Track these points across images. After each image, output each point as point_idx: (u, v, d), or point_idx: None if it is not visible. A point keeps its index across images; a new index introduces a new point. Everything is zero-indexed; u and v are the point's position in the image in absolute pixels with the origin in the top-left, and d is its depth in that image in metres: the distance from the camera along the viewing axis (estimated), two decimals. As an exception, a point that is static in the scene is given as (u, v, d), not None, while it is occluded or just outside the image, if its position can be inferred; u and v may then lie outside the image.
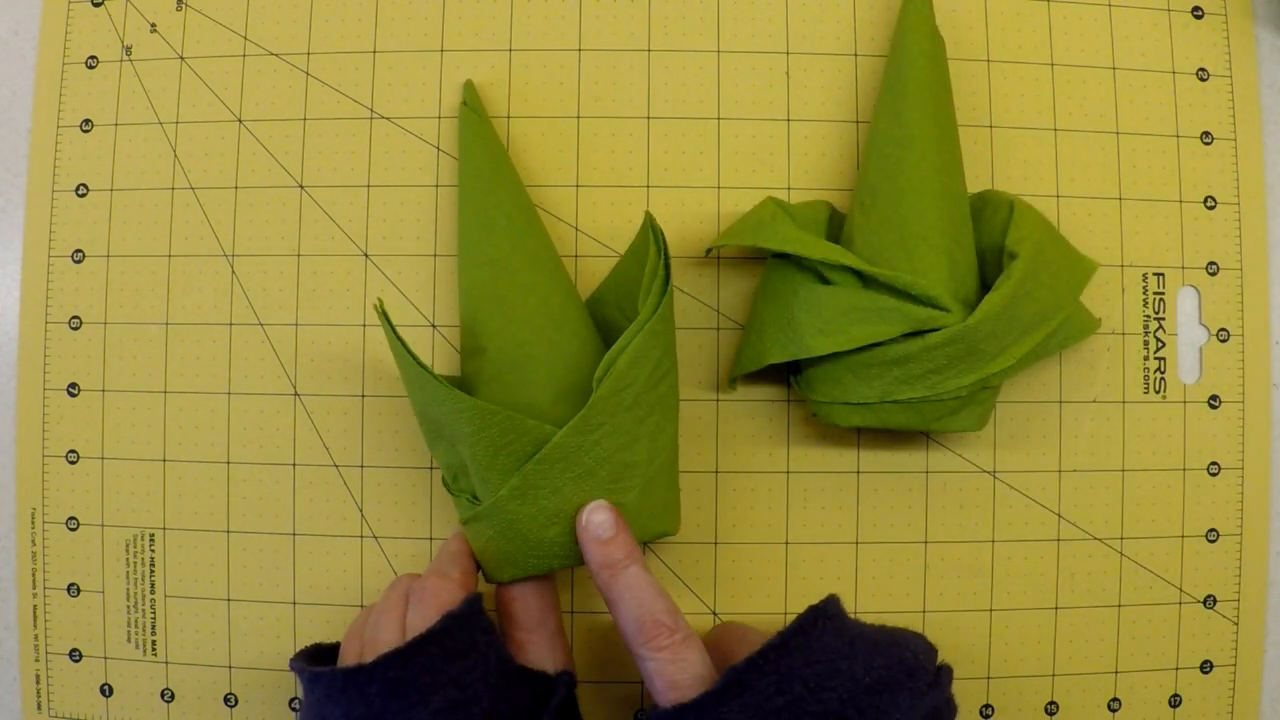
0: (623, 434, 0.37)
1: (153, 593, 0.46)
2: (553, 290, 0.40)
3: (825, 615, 0.36)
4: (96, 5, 0.47)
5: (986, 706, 0.45)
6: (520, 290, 0.40)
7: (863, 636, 0.36)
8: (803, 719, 0.33)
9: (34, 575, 0.46)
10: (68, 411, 0.46)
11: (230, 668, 0.46)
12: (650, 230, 0.39)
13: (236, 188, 0.46)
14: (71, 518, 0.46)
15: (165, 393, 0.46)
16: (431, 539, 0.45)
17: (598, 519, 0.37)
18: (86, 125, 0.47)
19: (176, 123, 0.47)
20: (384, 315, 0.38)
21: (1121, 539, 0.45)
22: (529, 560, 0.38)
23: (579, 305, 0.41)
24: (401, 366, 0.39)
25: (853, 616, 0.37)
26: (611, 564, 0.36)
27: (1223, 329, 0.46)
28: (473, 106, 0.44)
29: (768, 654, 0.34)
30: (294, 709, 0.46)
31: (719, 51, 0.46)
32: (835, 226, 0.44)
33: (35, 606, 0.46)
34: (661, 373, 0.38)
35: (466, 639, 0.35)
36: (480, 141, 0.43)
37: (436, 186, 0.46)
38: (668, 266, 0.39)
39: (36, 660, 0.46)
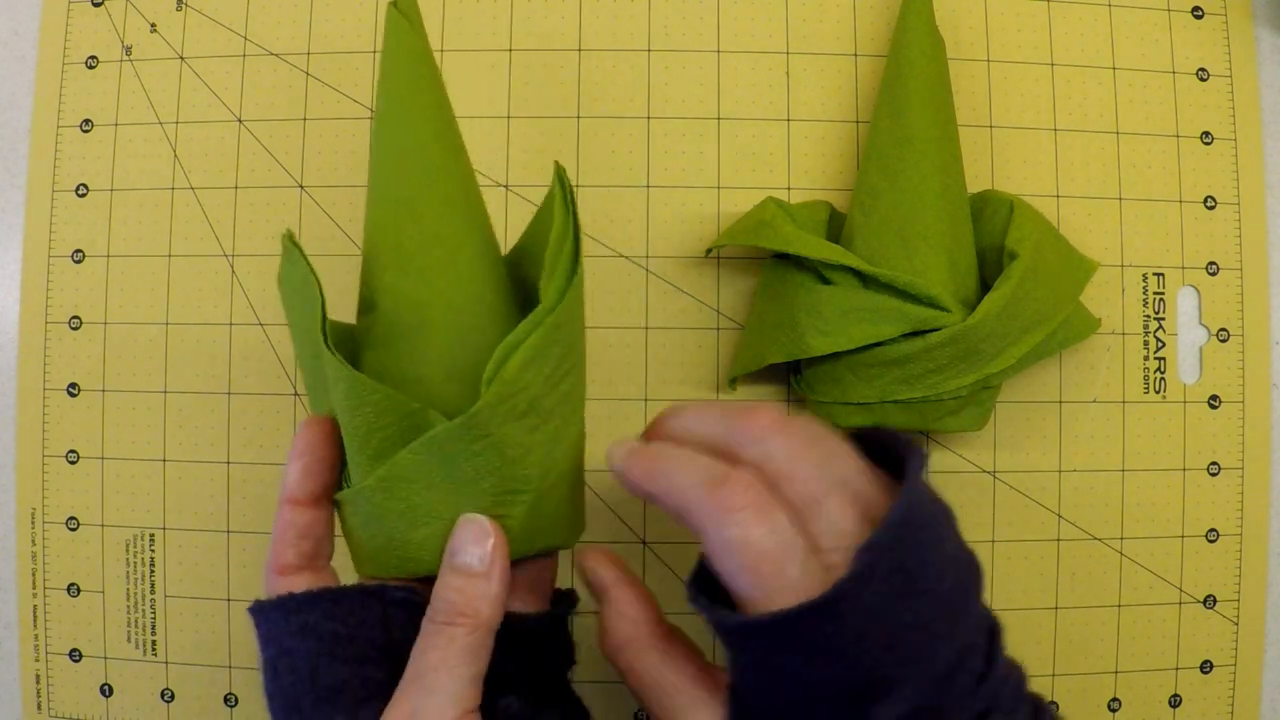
0: (513, 445, 0.31)
1: (153, 593, 0.46)
2: (464, 244, 0.33)
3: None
4: (96, 5, 0.47)
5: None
6: (424, 240, 0.33)
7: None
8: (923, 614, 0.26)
9: (34, 575, 0.46)
10: (68, 411, 0.46)
11: (230, 668, 0.46)
12: (558, 184, 0.33)
13: (236, 188, 0.46)
14: (71, 518, 0.46)
15: (165, 393, 0.46)
16: (431, 539, 0.45)
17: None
18: (86, 125, 0.47)
19: (176, 123, 0.47)
20: (292, 241, 0.32)
21: (1121, 539, 0.45)
22: (391, 560, 0.32)
23: (495, 265, 0.34)
24: (292, 306, 0.33)
25: None
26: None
27: (1223, 329, 0.46)
28: (403, 10, 0.34)
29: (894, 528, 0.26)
30: (294, 709, 0.46)
31: (719, 51, 0.46)
32: (835, 226, 0.44)
33: (35, 606, 0.46)
34: (564, 371, 0.32)
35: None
36: (406, 56, 0.34)
37: (436, 186, 0.46)
38: (578, 238, 0.32)
39: (36, 660, 0.46)
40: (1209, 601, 0.46)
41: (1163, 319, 0.46)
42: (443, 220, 0.33)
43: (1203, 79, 0.47)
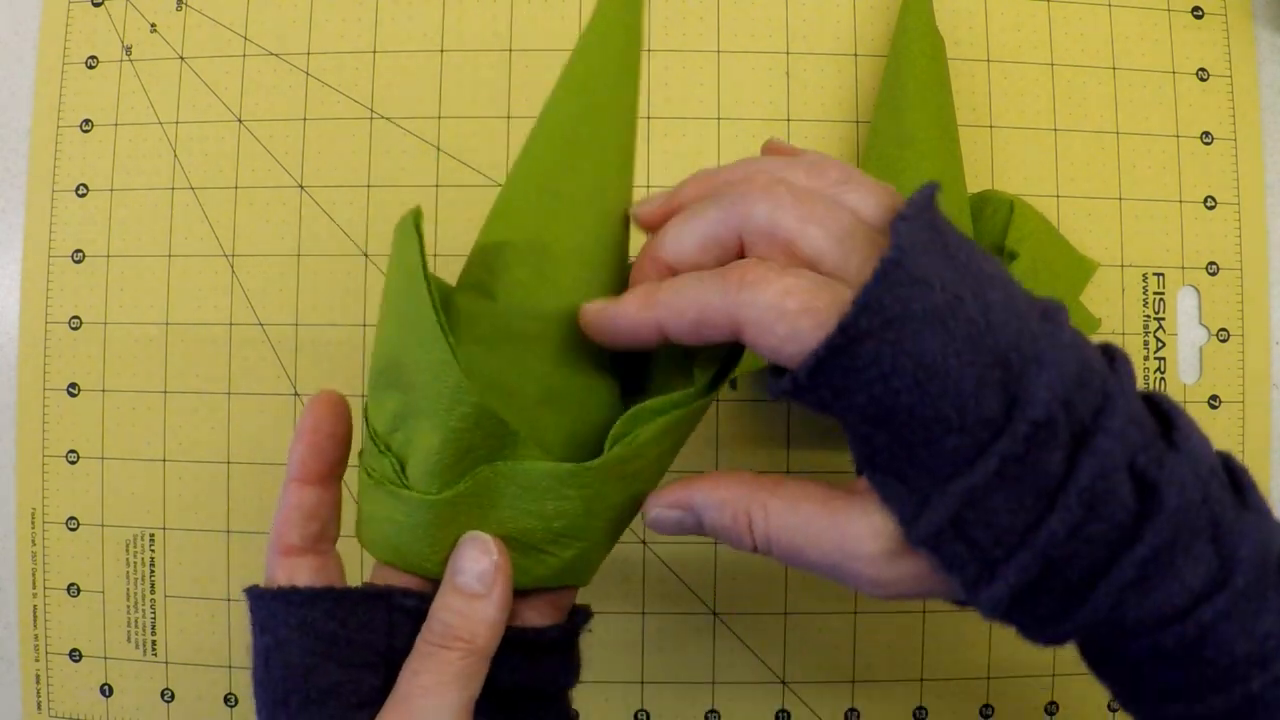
0: (599, 501, 0.29)
1: (153, 593, 0.46)
2: (605, 265, 0.30)
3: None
4: (96, 5, 0.47)
5: (986, 706, 0.45)
6: (572, 249, 0.29)
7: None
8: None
9: (34, 575, 0.46)
10: (68, 411, 0.46)
11: (230, 668, 0.46)
12: None
13: (236, 188, 0.46)
14: (71, 518, 0.46)
15: (165, 393, 0.46)
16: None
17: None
18: (86, 125, 0.47)
19: (176, 123, 0.47)
20: (416, 225, 0.27)
21: (1121, 539, 0.45)
22: (408, 557, 0.29)
23: None
24: (396, 293, 0.29)
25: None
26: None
27: (1223, 329, 0.46)
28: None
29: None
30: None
31: (719, 51, 0.46)
32: (835, 226, 0.44)
33: (35, 606, 0.46)
34: (677, 447, 0.30)
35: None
36: (624, 20, 0.30)
37: (437, 186, 0.46)
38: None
39: (36, 660, 0.46)
40: (1209, 601, 0.46)
41: (1163, 319, 0.46)
42: (597, 235, 0.30)
43: (1203, 79, 0.47)
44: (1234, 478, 0.27)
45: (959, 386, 0.24)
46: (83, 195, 0.47)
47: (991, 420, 0.24)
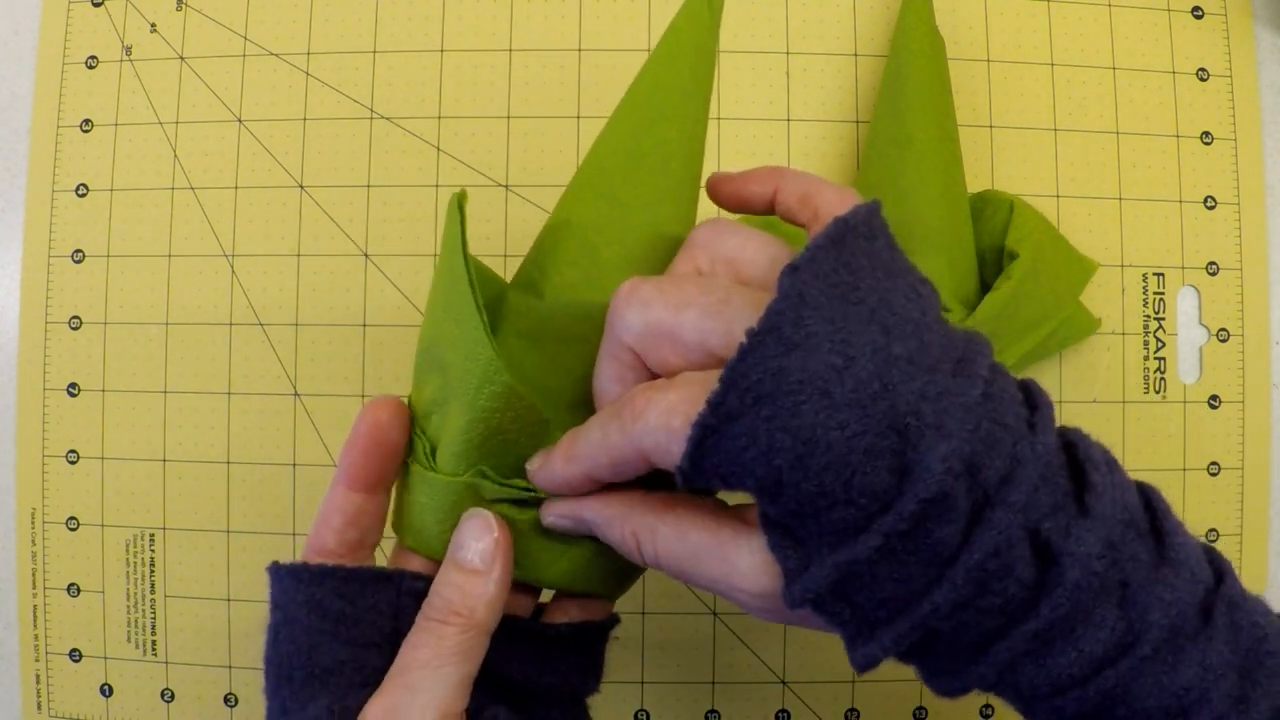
0: None
1: (153, 593, 0.46)
2: (655, 275, 0.29)
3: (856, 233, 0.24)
4: (96, 5, 0.47)
5: (986, 707, 0.45)
6: (626, 257, 0.29)
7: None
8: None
9: (34, 575, 0.46)
10: (68, 411, 0.46)
11: (230, 668, 0.46)
12: None
13: (236, 188, 0.46)
14: (71, 518, 0.46)
15: (165, 393, 0.46)
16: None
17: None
18: (86, 125, 0.47)
19: (176, 123, 0.47)
20: (460, 208, 0.27)
21: (1121, 539, 0.45)
22: (431, 541, 0.29)
23: None
24: (441, 272, 0.29)
25: None
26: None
27: (1223, 329, 0.46)
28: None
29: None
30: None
31: (719, 51, 0.46)
32: (835, 226, 0.44)
33: (35, 606, 0.46)
34: None
35: None
36: (697, 38, 0.30)
37: (437, 186, 0.46)
38: None
39: (36, 660, 0.46)
40: (1209, 601, 0.46)
41: (1163, 319, 0.46)
42: (651, 244, 0.29)
43: (1203, 79, 0.47)
44: (1155, 520, 0.26)
45: (844, 460, 0.22)
46: (83, 195, 0.47)
47: (881, 493, 0.23)
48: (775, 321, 0.22)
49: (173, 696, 0.46)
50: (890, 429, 0.22)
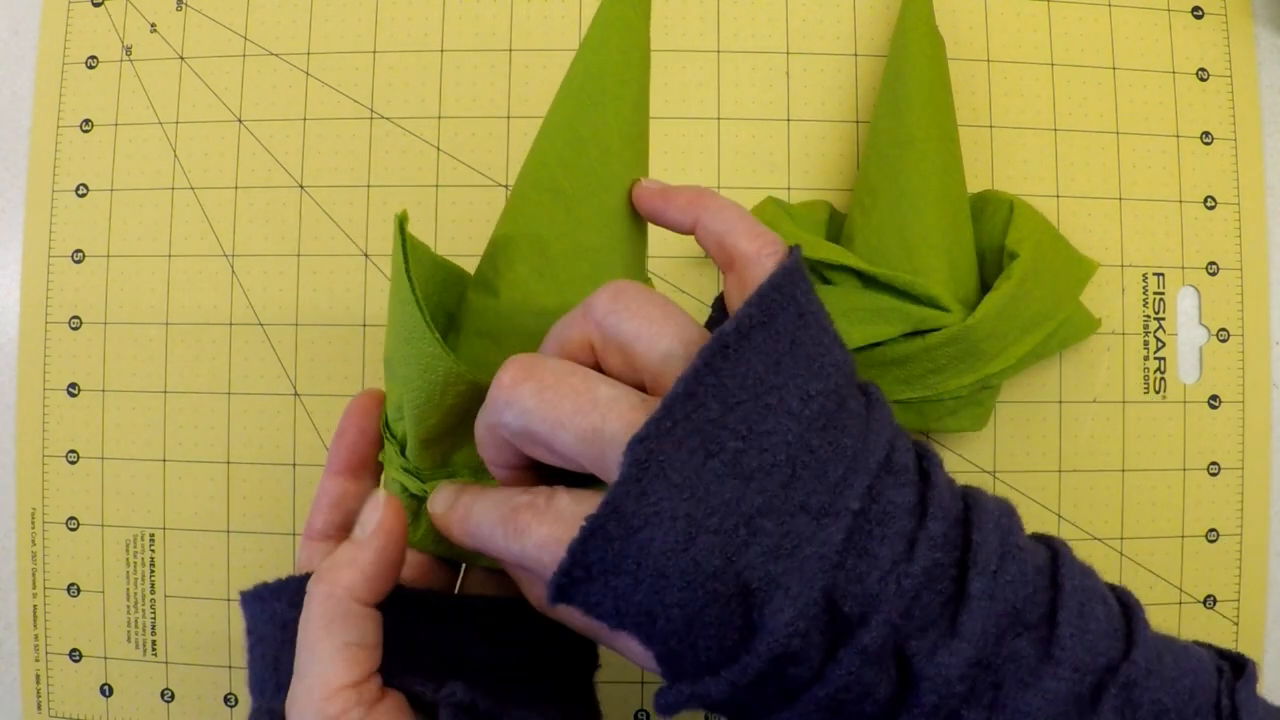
0: None
1: (153, 593, 0.46)
2: (611, 263, 0.30)
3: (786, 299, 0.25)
4: (96, 5, 0.47)
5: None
6: (572, 249, 0.29)
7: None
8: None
9: (34, 575, 0.46)
10: (68, 411, 0.46)
11: (230, 668, 0.46)
12: None
13: (236, 188, 0.46)
14: (71, 518, 0.46)
15: (165, 393, 0.46)
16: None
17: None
18: (86, 125, 0.47)
19: (176, 123, 0.47)
20: (402, 228, 0.28)
21: (1121, 539, 0.45)
22: (426, 538, 0.31)
23: None
24: (395, 291, 0.29)
25: None
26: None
27: (1223, 329, 0.46)
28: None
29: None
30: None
31: (719, 51, 0.46)
32: (835, 226, 0.44)
33: (35, 606, 0.46)
34: None
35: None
36: (625, 17, 0.30)
37: (437, 186, 0.46)
38: None
39: (36, 660, 0.46)
40: (1209, 601, 0.46)
41: (1163, 319, 0.46)
42: (600, 231, 0.30)
43: (1203, 79, 0.47)
44: (1057, 595, 0.25)
45: (685, 628, 0.23)
46: (83, 195, 0.47)
47: (729, 649, 0.24)
48: (616, 504, 0.23)
49: (173, 696, 0.46)
50: (735, 594, 0.23)
